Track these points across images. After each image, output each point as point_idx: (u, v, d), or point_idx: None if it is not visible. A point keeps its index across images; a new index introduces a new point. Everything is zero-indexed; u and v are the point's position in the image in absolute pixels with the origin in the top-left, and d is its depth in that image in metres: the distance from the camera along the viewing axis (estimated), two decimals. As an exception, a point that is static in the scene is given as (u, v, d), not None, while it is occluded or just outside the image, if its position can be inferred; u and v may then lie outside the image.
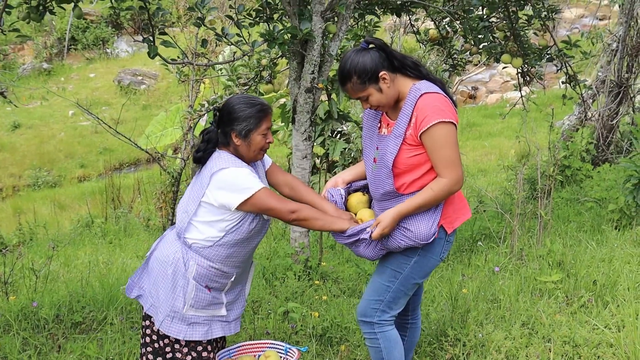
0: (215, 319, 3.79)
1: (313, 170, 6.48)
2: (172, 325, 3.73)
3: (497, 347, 4.42)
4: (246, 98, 3.65)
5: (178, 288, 3.69)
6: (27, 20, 5.04)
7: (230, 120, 3.61)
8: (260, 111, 3.62)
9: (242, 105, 3.61)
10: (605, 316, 4.77)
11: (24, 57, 27.05)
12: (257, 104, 3.63)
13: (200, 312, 3.73)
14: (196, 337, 3.74)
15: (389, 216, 3.48)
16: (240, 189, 3.52)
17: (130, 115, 20.59)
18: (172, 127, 12.26)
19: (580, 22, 23.41)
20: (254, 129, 3.61)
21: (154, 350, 3.86)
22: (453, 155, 3.38)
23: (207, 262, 3.65)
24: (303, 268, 5.97)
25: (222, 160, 3.61)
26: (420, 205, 3.44)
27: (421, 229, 3.48)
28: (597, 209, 7.60)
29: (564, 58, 6.80)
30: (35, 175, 17.75)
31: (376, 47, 3.44)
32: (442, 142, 3.35)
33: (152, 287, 3.80)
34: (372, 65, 3.40)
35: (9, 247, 8.34)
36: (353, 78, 3.42)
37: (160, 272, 3.76)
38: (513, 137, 9.94)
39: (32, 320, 5.16)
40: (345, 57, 3.46)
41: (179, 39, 8.54)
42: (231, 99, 3.68)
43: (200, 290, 3.69)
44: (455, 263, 6.51)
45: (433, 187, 3.42)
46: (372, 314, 3.70)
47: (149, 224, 10.07)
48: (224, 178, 3.55)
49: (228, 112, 3.63)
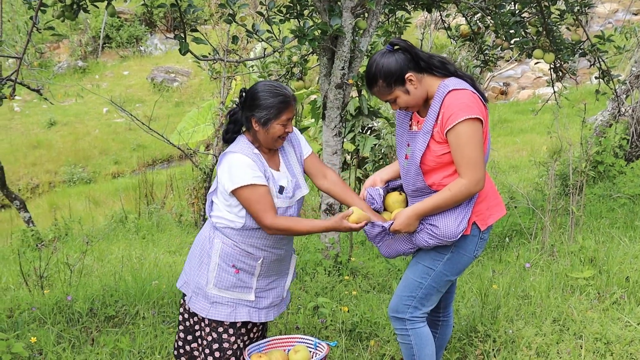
0: (241, 303, 3.78)
1: (343, 167, 6.47)
2: (197, 301, 3.79)
3: (527, 344, 4.39)
4: (271, 86, 3.65)
5: (203, 265, 3.76)
6: (62, 18, 5.09)
7: (252, 106, 3.63)
8: (282, 102, 3.62)
9: (265, 94, 3.61)
10: (638, 313, 4.72)
11: (60, 55, 27.34)
12: (281, 94, 3.63)
13: (224, 292, 3.74)
14: (218, 317, 3.75)
15: (404, 215, 3.48)
16: (233, 177, 3.57)
17: (163, 112, 20.72)
18: (204, 124, 12.32)
19: (613, 17, 23.09)
20: (274, 118, 3.62)
21: (185, 328, 3.94)
22: (475, 155, 3.33)
23: (231, 241, 3.70)
24: (333, 263, 5.97)
25: (236, 145, 3.68)
26: (438, 205, 3.42)
27: (448, 226, 3.45)
28: (631, 205, 7.51)
29: (597, 53, 6.70)
30: (71, 171, 17.94)
31: (401, 49, 3.42)
32: (465, 141, 3.31)
33: (187, 265, 3.90)
34: (397, 67, 3.38)
35: (44, 242, 8.44)
36: (379, 81, 3.41)
37: (192, 250, 3.88)
38: (545, 133, 9.85)
39: (66, 314, 5.22)
40: (371, 61, 3.45)
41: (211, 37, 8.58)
42: (257, 84, 3.69)
43: (224, 270, 3.72)
44: (486, 259, 6.47)
45: (451, 187, 3.39)
46: (404, 310, 3.68)
47: (181, 219, 10.12)
48: (227, 162, 3.62)
49: (252, 98, 3.65)
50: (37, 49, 25.54)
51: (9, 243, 9.27)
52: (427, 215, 3.47)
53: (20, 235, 8.72)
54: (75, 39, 27.49)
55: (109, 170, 18.50)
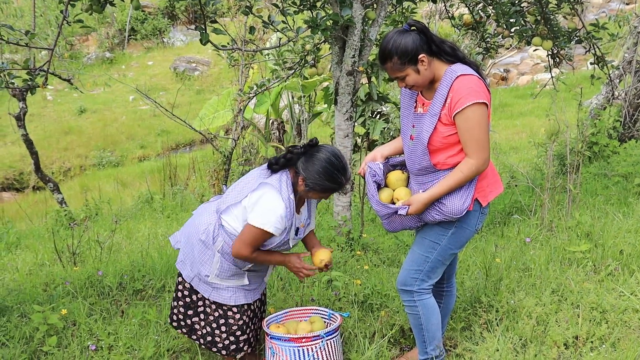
0: (240, 288, 3.85)
1: (354, 149, 6.45)
2: (199, 285, 3.84)
3: (528, 313, 4.37)
4: (334, 166, 3.55)
5: (205, 257, 3.77)
6: (90, 12, 5.08)
7: (309, 169, 3.55)
8: (332, 189, 3.59)
9: (326, 172, 3.53)
10: (631, 284, 4.69)
11: (89, 47, 27.35)
12: (337, 182, 3.57)
13: (225, 282, 3.80)
14: (220, 300, 3.81)
15: (420, 201, 3.46)
16: (261, 216, 3.52)
17: (185, 100, 20.71)
18: (224, 110, 12.32)
19: (607, 7, 22.89)
20: (319, 193, 3.60)
21: (185, 304, 3.95)
22: (482, 136, 3.32)
23: (232, 242, 3.70)
24: (346, 239, 5.97)
25: (279, 183, 3.58)
26: (452, 187, 3.41)
27: (455, 203, 3.44)
28: (624, 183, 7.46)
29: (592, 40, 6.64)
30: (100, 155, 17.99)
31: (417, 30, 3.36)
32: (473, 123, 3.29)
33: (185, 244, 3.88)
34: (413, 47, 3.32)
35: (76, 221, 8.46)
36: (394, 58, 3.35)
37: (192, 233, 3.83)
38: (543, 116, 9.78)
39: (97, 288, 5.24)
40: (387, 37, 3.38)
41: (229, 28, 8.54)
42: (328, 153, 3.57)
43: (224, 262, 3.74)
44: (489, 234, 6.44)
45: (462, 169, 3.37)
46: (412, 283, 3.68)
47: (203, 199, 10.12)
48: (265, 198, 3.55)
49: (313, 161, 3.55)
50: (67, 41, 25.66)
51: (44, 222, 9.30)
52: (441, 197, 3.46)
53: (54, 215, 8.75)
54: (103, 32, 27.49)
55: (135, 154, 18.53)
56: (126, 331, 4.52)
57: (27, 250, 7.23)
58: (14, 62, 5.55)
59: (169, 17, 28.74)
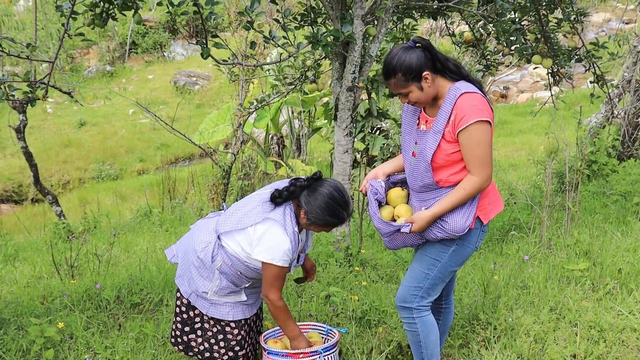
0: (237, 304, 3.85)
1: (354, 164, 6.46)
2: (197, 301, 3.83)
3: (526, 331, 4.37)
4: (336, 202, 3.55)
5: (204, 274, 3.75)
6: (92, 26, 5.09)
7: (311, 203, 3.55)
8: (334, 224, 3.60)
9: (329, 207, 3.54)
10: (629, 303, 4.69)
11: (89, 60, 27.42)
12: (339, 217, 3.58)
13: (224, 298, 3.80)
14: (218, 315, 3.81)
15: (423, 219, 3.45)
16: (269, 252, 3.52)
17: (185, 114, 20.74)
18: (224, 124, 12.34)
19: (607, 26, 22.97)
20: (320, 225, 3.60)
21: (182, 320, 3.94)
22: (485, 154, 3.33)
23: (230, 263, 3.70)
24: (344, 255, 5.96)
25: (283, 217, 3.58)
26: (454, 204, 3.41)
27: (457, 221, 3.44)
28: (623, 202, 7.47)
29: (592, 59, 6.66)
30: (99, 168, 18.00)
31: (422, 47, 3.36)
32: (476, 141, 3.30)
33: (182, 260, 3.87)
34: (417, 64, 3.32)
35: (75, 234, 8.46)
36: (398, 74, 3.35)
37: (190, 250, 3.81)
38: (542, 133, 9.79)
39: (95, 301, 5.23)
40: (392, 53, 3.38)
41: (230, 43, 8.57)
42: (331, 187, 3.57)
43: (223, 280, 3.74)
44: (487, 252, 6.45)
45: (465, 186, 3.37)
46: (412, 300, 3.67)
47: (202, 213, 10.12)
48: (270, 233, 3.54)
49: (316, 196, 3.56)
50: (68, 54, 25.72)
51: (42, 235, 9.30)
52: (443, 214, 3.47)
53: (52, 227, 8.75)
54: (104, 45, 27.56)
55: (134, 167, 18.53)
56: (123, 345, 4.51)
57: (25, 263, 7.23)
58: (15, 74, 5.57)
59: (170, 32, 28.82)
